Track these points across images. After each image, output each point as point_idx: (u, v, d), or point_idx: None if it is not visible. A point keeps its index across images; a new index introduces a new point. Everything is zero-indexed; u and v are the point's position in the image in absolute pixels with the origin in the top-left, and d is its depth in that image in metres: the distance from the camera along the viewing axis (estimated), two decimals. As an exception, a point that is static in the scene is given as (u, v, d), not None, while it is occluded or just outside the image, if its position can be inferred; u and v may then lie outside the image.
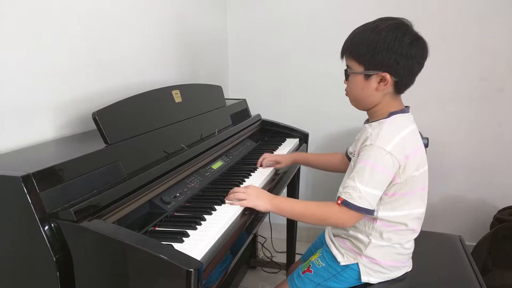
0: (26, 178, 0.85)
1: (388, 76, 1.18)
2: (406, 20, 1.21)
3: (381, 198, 1.21)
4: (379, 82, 1.21)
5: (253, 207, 1.24)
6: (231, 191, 1.28)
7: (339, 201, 1.18)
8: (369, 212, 1.18)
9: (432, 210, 2.40)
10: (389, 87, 1.21)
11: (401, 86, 1.22)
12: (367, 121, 1.31)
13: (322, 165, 1.68)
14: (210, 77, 2.45)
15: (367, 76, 1.21)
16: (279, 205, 1.27)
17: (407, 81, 1.21)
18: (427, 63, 1.22)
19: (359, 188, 1.15)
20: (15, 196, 0.85)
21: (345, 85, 1.30)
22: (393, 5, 2.34)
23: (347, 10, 2.45)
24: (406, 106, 1.28)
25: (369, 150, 1.17)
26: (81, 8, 1.39)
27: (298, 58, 2.63)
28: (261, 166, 1.64)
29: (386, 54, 1.16)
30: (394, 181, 1.19)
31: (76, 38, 1.38)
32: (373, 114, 1.29)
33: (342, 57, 1.29)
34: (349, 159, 1.50)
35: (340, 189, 1.22)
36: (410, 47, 1.16)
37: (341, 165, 1.58)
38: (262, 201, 1.25)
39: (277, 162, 1.64)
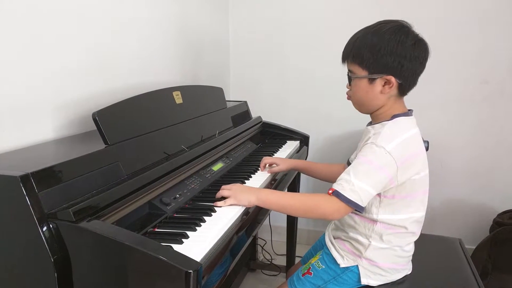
0: (24, 178, 0.85)
1: (393, 79, 1.18)
2: (406, 22, 1.21)
3: (381, 201, 1.21)
4: (383, 85, 1.20)
5: (237, 203, 1.21)
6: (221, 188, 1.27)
7: (330, 191, 1.17)
8: (358, 208, 1.15)
9: (432, 213, 2.40)
10: (393, 90, 1.21)
11: (405, 87, 1.22)
12: (370, 123, 1.31)
13: (323, 175, 1.65)
14: (212, 79, 2.45)
15: (372, 80, 1.21)
16: (263, 198, 1.24)
17: (411, 82, 1.21)
18: (428, 66, 1.22)
19: (353, 181, 1.14)
20: (13, 196, 0.85)
21: (347, 89, 1.30)
22: (395, 7, 2.34)
23: (349, 12, 2.45)
24: (409, 109, 1.28)
25: (369, 148, 1.17)
26: (83, 9, 1.39)
27: (300, 60, 2.63)
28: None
29: (390, 57, 1.16)
30: (392, 184, 1.18)
31: (77, 38, 1.38)
32: (377, 117, 1.28)
33: (343, 62, 1.28)
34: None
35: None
36: (413, 49, 1.16)
37: None
38: (246, 195, 1.23)
39: (276, 164, 1.62)
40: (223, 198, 1.24)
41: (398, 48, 1.15)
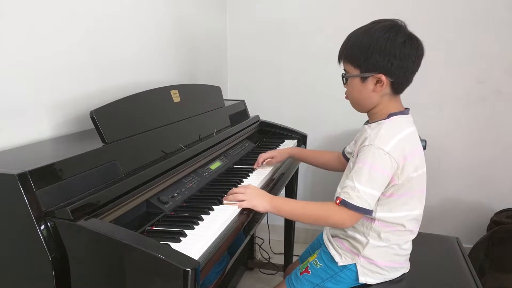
0: (22, 176, 0.84)
1: (383, 77, 1.19)
2: (400, 20, 1.21)
3: (378, 199, 1.21)
4: (375, 84, 1.21)
5: (252, 207, 1.24)
6: (230, 191, 1.28)
7: (337, 201, 1.18)
8: (367, 213, 1.18)
9: (429, 212, 2.40)
10: (386, 88, 1.21)
11: (398, 86, 1.22)
12: (367, 122, 1.31)
13: (318, 161, 1.69)
14: (209, 78, 2.45)
15: (364, 79, 1.22)
16: (278, 206, 1.26)
17: (403, 80, 1.21)
18: (425, 66, 1.22)
19: (358, 188, 1.15)
20: (11, 194, 0.85)
21: (345, 89, 1.31)
22: (392, 8, 2.35)
23: (347, 13, 2.45)
24: (406, 108, 1.28)
25: (368, 151, 1.17)
26: (81, 8, 1.39)
27: (297, 60, 2.63)
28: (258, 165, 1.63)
29: (380, 56, 1.17)
30: (393, 182, 1.19)
31: (75, 37, 1.37)
32: (373, 116, 1.29)
33: (339, 62, 1.29)
34: (347, 159, 1.50)
35: (338, 189, 1.22)
36: (403, 47, 1.16)
37: (337, 164, 1.58)
38: (261, 202, 1.25)
39: (272, 157, 1.65)
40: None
41: (387, 46, 1.16)
